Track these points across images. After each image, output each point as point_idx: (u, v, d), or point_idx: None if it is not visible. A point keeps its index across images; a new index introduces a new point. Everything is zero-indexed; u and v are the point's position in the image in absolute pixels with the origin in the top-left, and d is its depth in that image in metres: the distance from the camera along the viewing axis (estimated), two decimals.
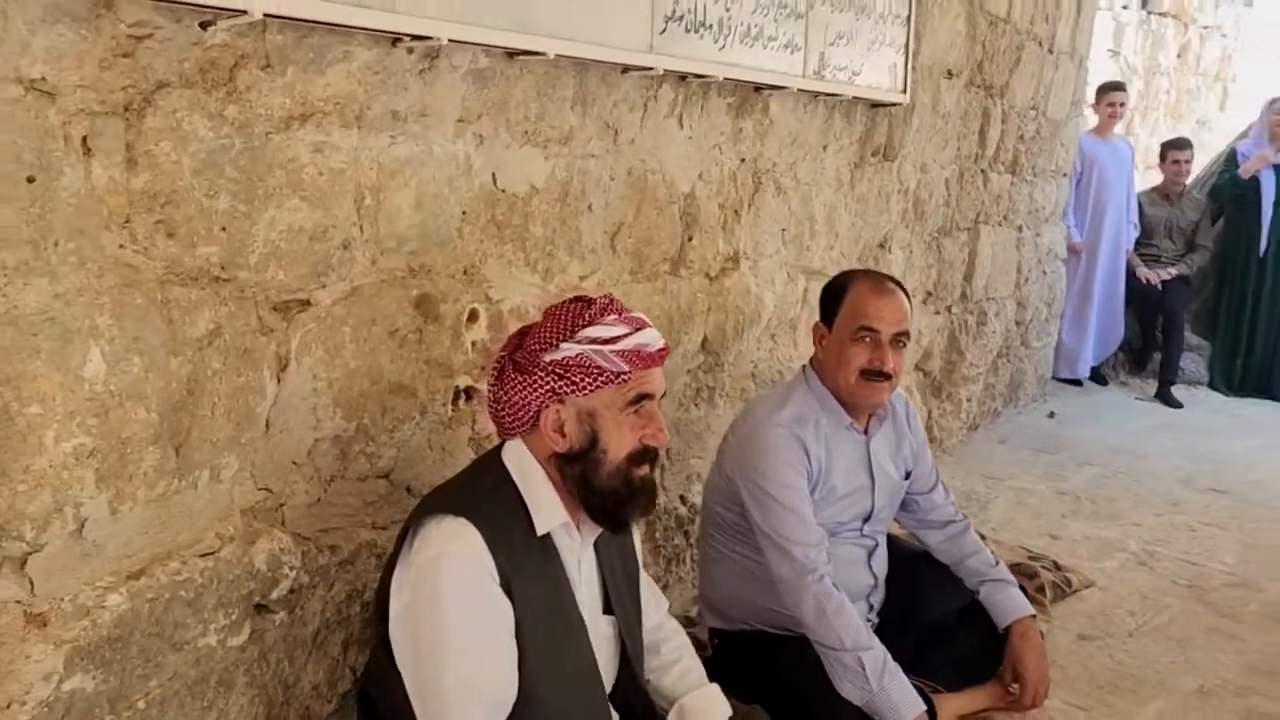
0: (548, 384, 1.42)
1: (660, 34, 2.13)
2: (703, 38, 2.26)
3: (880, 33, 2.98)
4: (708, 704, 1.64)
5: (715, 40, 2.30)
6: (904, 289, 2.08)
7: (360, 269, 1.67)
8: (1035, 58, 4.38)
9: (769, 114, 2.70)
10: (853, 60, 2.86)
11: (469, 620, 1.34)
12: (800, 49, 2.62)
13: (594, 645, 1.49)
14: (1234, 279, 5.75)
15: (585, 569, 1.53)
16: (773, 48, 2.51)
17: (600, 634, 1.53)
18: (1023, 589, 2.25)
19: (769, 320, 2.91)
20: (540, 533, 1.43)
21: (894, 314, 2.02)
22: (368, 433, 1.74)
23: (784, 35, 2.54)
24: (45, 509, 1.28)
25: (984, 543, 2.32)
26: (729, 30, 2.34)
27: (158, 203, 1.36)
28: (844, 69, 2.83)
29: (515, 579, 1.38)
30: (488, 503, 1.41)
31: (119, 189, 1.32)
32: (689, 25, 2.21)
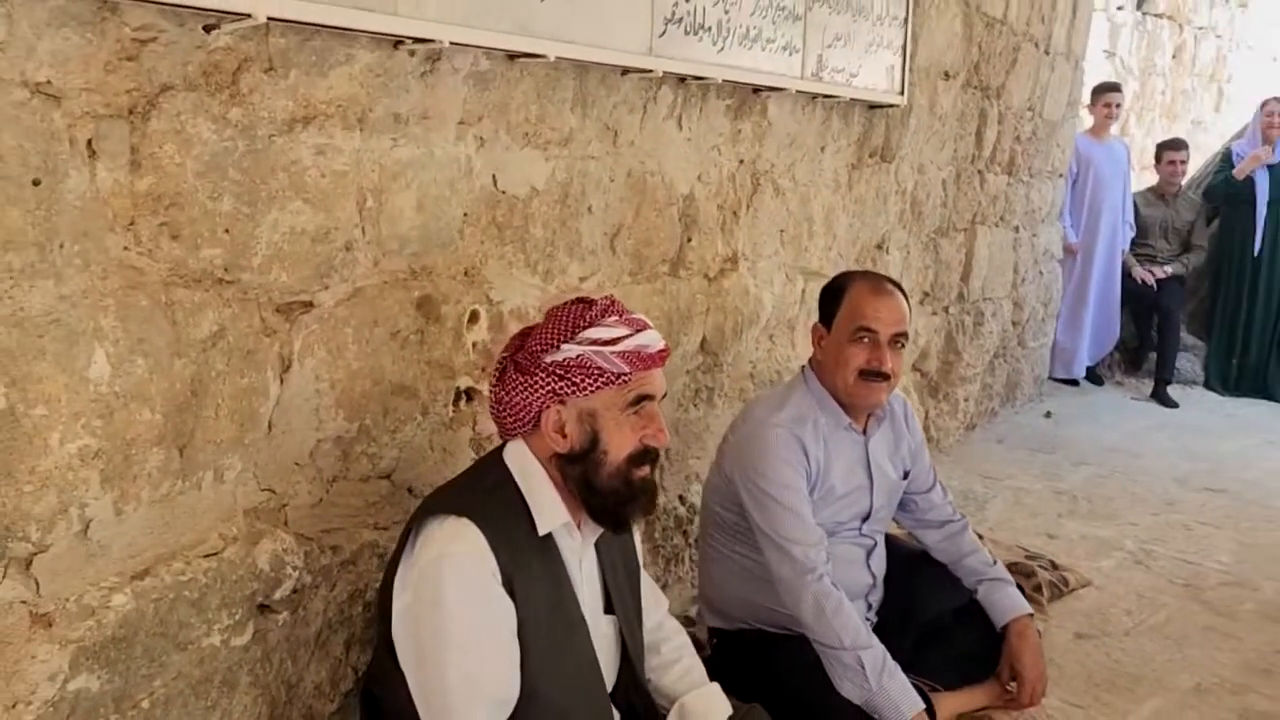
0: (549, 385, 1.43)
1: (660, 36, 2.14)
2: (702, 40, 2.27)
3: (878, 34, 2.99)
4: (708, 703, 1.65)
5: (714, 42, 2.31)
6: (902, 290, 2.09)
7: (362, 270, 1.68)
8: (1031, 59, 4.39)
9: (767, 115, 2.71)
10: (850, 62, 2.87)
11: (471, 620, 1.35)
12: (798, 51, 2.63)
13: (595, 644, 1.50)
14: (1229, 279, 5.76)
15: (586, 569, 1.54)
16: (771, 50, 2.52)
17: (601, 633, 1.54)
18: (1020, 588, 2.27)
19: (767, 321, 2.92)
20: (542, 533, 1.44)
21: (892, 315, 2.03)
22: (370, 433, 1.74)
23: (782, 37, 2.55)
24: (50, 510, 1.29)
25: (981, 542, 2.33)
26: (728, 32, 2.35)
27: (162, 205, 1.37)
28: (842, 71, 2.84)
29: (517, 579, 1.38)
30: (489, 503, 1.42)
31: (123, 191, 1.33)
32: (688, 27, 2.22)
